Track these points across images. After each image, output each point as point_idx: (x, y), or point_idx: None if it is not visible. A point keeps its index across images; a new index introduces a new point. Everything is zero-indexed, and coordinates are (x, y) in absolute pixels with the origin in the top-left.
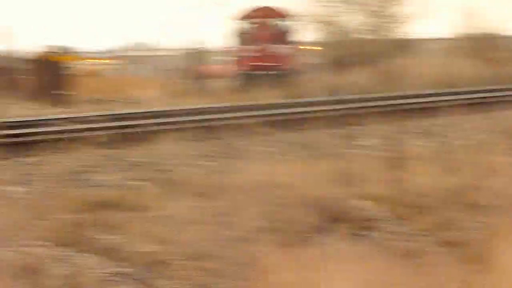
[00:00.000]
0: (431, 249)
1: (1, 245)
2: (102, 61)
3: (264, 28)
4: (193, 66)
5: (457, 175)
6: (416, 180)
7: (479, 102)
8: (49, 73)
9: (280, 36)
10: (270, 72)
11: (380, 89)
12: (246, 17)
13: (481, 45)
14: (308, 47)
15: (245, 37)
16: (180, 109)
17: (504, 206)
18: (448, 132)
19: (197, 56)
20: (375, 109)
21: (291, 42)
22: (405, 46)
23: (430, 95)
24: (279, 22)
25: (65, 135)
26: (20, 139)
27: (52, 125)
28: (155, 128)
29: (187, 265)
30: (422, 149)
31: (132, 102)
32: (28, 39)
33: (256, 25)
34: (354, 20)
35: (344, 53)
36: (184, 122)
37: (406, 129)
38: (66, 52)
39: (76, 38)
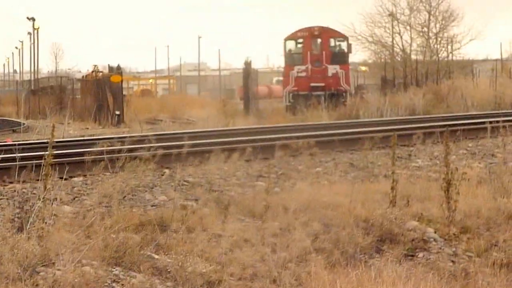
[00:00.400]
0: (480, 270)
1: (55, 264)
2: (154, 81)
3: (316, 48)
4: (244, 86)
5: (507, 196)
6: (466, 201)
7: None
8: (100, 93)
9: (333, 57)
10: (321, 93)
11: (430, 110)
12: (299, 37)
13: None
14: (360, 68)
15: (297, 57)
16: (231, 129)
17: None
18: (498, 153)
19: (249, 76)
20: (424, 129)
21: (344, 63)
22: (456, 67)
23: (479, 116)
24: (332, 43)
25: (116, 155)
26: (72, 158)
27: (104, 144)
28: (207, 148)
29: (240, 285)
30: (472, 170)
31: (184, 121)
32: (78, 58)
33: (308, 45)
34: (407, 41)
35: (396, 74)
36: (235, 142)
37: (456, 149)
38: (117, 72)
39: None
